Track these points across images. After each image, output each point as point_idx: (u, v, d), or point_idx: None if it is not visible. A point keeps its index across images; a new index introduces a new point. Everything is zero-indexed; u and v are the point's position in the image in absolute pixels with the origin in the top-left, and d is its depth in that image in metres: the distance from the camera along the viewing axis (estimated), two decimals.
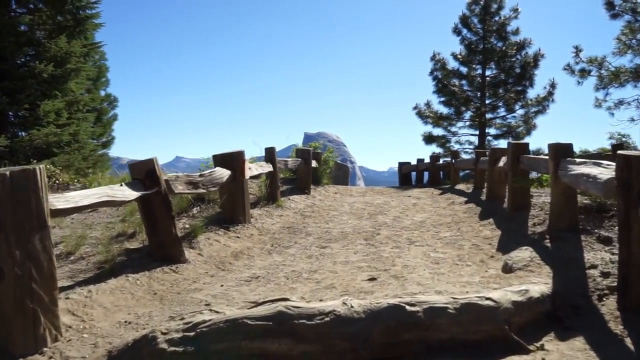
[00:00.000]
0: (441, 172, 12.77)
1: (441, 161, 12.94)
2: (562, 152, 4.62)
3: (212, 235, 5.30)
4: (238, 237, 5.53)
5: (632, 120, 21.22)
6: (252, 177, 7.77)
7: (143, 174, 4.23)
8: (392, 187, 12.76)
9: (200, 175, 5.03)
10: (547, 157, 5.38)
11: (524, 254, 4.26)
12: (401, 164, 14.99)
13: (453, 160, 11.09)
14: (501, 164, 7.25)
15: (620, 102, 20.96)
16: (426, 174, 13.86)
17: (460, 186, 10.50)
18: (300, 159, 9.05)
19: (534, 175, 6.95)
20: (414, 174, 14.88)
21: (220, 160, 5.92)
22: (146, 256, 4.41)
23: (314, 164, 9.98)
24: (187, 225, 5.65)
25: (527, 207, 6.08)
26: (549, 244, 4.51)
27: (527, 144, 6.34)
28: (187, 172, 5.62)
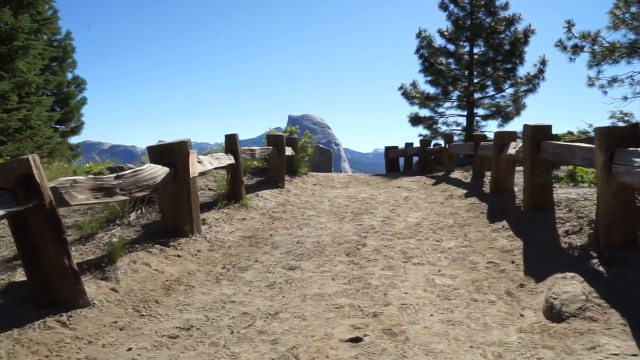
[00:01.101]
0: (432, 157, 11.44)
1: (432, 145, 11.53)
2: (618, 138, 3.24)
3: (142, 255, 3.86)
4: (178, 256, 4.09)
5: (625, 98, 20.06)
6: (210, 172, 6.33)
7: (12, 181, 2.77)
8: (378, 176, 11.34)
9: (118, 177, 3.55)
10: (586, 144, 4.02)
11: (573, 287, 2.91)
12: (388, 149, 13.55)
13: (447, 145, 9.69)
14: (511, 150, 5.90)
15: (613, 80, 19.69)
16: (415, 159, 12.51)
17: (456, 174, 9.15)
18: (271, 147, 7.60)
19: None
20: (402, 159, 13.47)
21: (158, 153, 4.46)
22: (26, 300, 2.97)
23: (289, 151, 8.54)
24: (114, 239, 4.22)
25: (549, 206, 4.74)
26: (602, 269, 3.17)
27: (549, 126, 4.95)
28: None
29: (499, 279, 3.47)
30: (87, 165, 7.22)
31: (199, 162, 4.94)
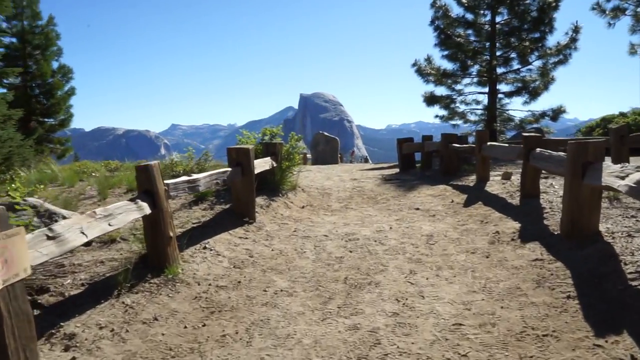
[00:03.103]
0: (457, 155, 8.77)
1: (458, 138, 8.81)
2: None
3: None
4: None
5: None
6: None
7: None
8: (390, 182, 8.60)
9: None
10: None
11: None
12: (401, 141, 10.91)
13: (480, 145, 7.06)
14: (607, 178, 3.38)
15: None
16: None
17: (494, 186, 6.55)
18: (232, 168, 5.12)
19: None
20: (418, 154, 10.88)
21: None
22: None
23: (265, 164, 6.09)
24: None
25: None
26: None
27: None
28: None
29: None
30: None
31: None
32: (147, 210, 3.53)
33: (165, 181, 3.90)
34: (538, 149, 5.22)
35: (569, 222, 4.01)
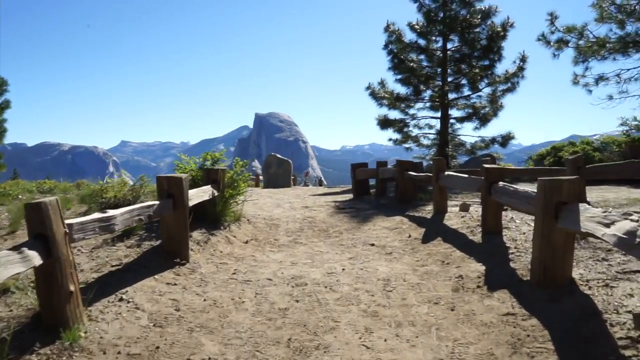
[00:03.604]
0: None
1: (412, 163, 8.42)
2: None
3: None
4: None
5: (611, 98, 17.72)
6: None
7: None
8: (343, 212, 7.96)
9: None
10: None
11: None
12: (355, 167, 10.39)
13: (438, 174, 6.71)
14: (587, 223, 2.94)
15: (600, 78, 17.31)
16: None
17: (453, 219, 6.11)
18: (162, 201, 4.39)
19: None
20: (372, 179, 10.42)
21: None
22: None
23: (204, 193, 5.38)
24: None
25: None
26: None
27: None
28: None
29: None
30: None
31: None
32: (37, 260, 2.76)
33: (69, 221, 3.14)
34: (501, 183, 4.81)
35: (540, 268, 3.55)
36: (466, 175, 5.85)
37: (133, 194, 6.88)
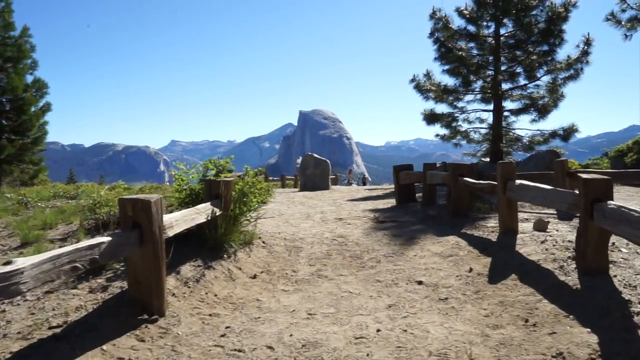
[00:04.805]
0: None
1: (469, 166, 6.73)
2: None
3: None
4: None
5: None
6: None
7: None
8: (381, 224, 6.44)
9: None
10: None
11: None
12: (398, 169, 8.79)
13: (505, 184, 4.86)
14: None
15: None
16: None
17: (529, 244, 4.46)
18: (125, 233, 3.10)
19: None
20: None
21: None
22: None
23: (192, 220, 4.08)
24: None
25: None
26: None
27: None
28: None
29: None
30: None
31: None
32: None
33: None
34: (611, 203, 3.20)
35: None
36: (549, 187, 4.22)
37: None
